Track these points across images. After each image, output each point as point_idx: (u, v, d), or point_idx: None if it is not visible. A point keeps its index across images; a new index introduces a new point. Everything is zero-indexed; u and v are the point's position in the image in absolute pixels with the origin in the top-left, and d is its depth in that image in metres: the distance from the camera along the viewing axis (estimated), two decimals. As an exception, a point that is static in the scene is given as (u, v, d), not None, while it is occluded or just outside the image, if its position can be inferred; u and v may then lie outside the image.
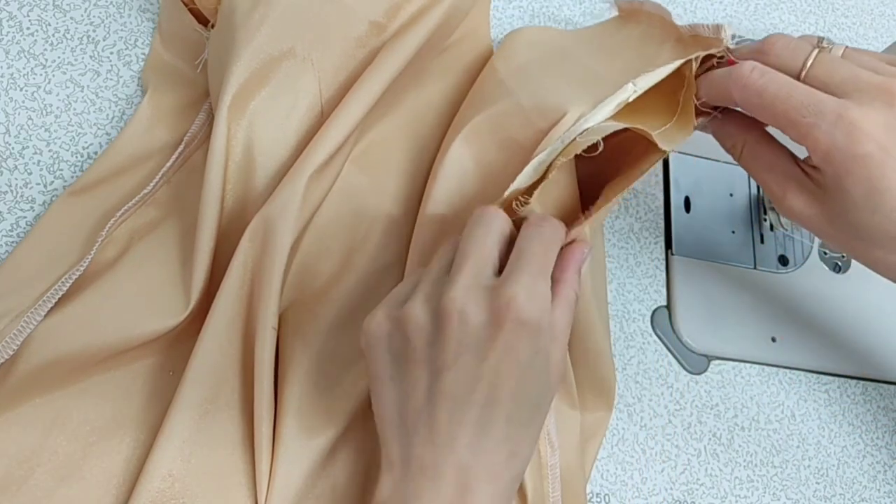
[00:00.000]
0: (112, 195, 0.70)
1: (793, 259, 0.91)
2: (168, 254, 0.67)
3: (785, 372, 0.86)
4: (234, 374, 0.64)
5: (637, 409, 0.80)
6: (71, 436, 0.62)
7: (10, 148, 0.72)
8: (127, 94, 0.77)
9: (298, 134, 0.69)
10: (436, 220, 0.71)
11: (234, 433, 0.63)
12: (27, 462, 0.60)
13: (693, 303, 0.85)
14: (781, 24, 1.08)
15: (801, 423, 0.84)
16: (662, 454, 0.79)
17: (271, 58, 0.68)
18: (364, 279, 0.72)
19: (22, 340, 0.60)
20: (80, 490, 0.60)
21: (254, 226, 0.65)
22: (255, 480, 0.62)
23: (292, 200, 0.65)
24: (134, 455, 0.62)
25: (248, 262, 0.65)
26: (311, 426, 0.64)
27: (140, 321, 0.62)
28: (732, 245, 0.89)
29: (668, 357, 0.83)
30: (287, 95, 0.69)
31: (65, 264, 0.65)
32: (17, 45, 0.76)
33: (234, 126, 0.66)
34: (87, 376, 0.63)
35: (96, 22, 0.79)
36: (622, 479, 0.76)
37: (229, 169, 0.67)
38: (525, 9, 0.94)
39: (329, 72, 0.71)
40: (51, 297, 0.62)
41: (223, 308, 0.64)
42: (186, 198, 0.71)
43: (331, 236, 0.73)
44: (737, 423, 0.82)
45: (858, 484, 0.84)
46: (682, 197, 0.90)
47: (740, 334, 0.85)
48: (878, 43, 1.12)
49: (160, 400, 0.64)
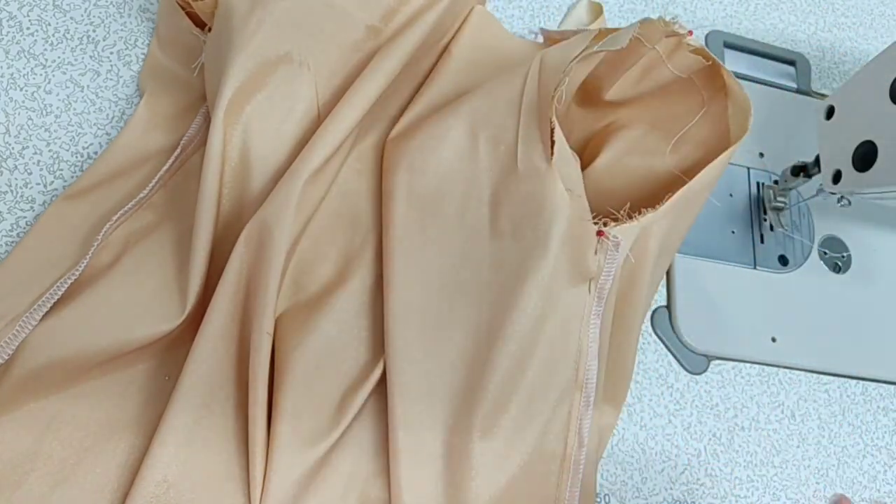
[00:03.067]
0: (108, 199, 0.70)
1: (793, 259, 0.90)
2: (164, 258, 0.67)
3: (785, 372, 0.86)
4: (229, 380, 0.64)
5: (637, 409, 0.80)
6: (66, 440, 0.62)
7: (10, 148, 0.72)
8: (127, 95, 0.77)
9: (295, 137, 0.69)
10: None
11: (229, 439, 0.63)
12: (21, 467, 0.60)
13: (693, 303, 0.85)
14: (781, 24, 1.08)
15: (801, 423, 0.84)
16: (662, 454, 0.79)
17: (268, 61, 0.68)
18: (361, 290, 0.72)
19: (17, 344, 0.60)
20: (74, 495, 0.60)
21: (249, 230, 0.65)
22: (249, 486, 0.62)
23: (288, 204, 0.65)
24: (129, 460, 0.63)
25: (244, 267, 0.65)
26: (305, 433, 0.64)
27: (136, 325, 0.63)
28: (732, 245, 0.89)
29: (668, 357, 0.83)
30: (283, 99, 0.69)
31: (60, 268, 0.65)
32: (17, 45, 0.76)
33: (230, 130, 0.66)
34: (83, 380, 0.64)
35: (96, 22, 0.79)
36: (622, 479, 0.76)
37: (225, 173, 0.67)
38: (525, 8, 0.94)
39: (325, 75, 0.71)
40: (46, 302, 0.62)
41: (218, 313, 0.64)
42: (182, 202, 0.71)
43: (328, 241, 0.73)
44: (737, 423, 0.82)
45: (858, 484, 0.83)
46: (683, 197, 0.89)
47: (740, 334, 0.85)
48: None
49: (156, 404, 0.64)
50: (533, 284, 0.66)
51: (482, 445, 0.64)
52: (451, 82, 0.79)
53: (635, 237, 0.69)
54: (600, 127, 0.82)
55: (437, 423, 0.66)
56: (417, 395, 0.66)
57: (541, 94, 0.70)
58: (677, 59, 0.74)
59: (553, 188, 0.67)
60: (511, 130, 0.70)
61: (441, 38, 0.80)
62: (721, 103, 0.75)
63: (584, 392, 0.69)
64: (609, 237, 0.66)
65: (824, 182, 0.77)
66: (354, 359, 0.68)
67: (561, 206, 0.66)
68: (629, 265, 0.71)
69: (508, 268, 0.68)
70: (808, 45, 1.08)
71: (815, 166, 0.82)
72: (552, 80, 0.68)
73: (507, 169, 0.70)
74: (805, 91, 1.03)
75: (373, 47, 0.72)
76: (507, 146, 0.70)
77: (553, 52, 0.72)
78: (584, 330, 0.68)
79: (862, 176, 0.72)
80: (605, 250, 0.67)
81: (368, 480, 0.66)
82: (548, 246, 0.66)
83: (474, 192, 0.71)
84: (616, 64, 0.76)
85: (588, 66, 0.71)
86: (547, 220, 0.66)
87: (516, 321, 0.66)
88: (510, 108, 0.71)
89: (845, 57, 1.09)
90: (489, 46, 0.82)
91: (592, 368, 0.69)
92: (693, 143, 0.77)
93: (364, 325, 0.70)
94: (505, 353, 0.65)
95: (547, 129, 0.68)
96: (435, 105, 0.77)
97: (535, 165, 0.68)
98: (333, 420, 0.65)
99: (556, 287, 0.67)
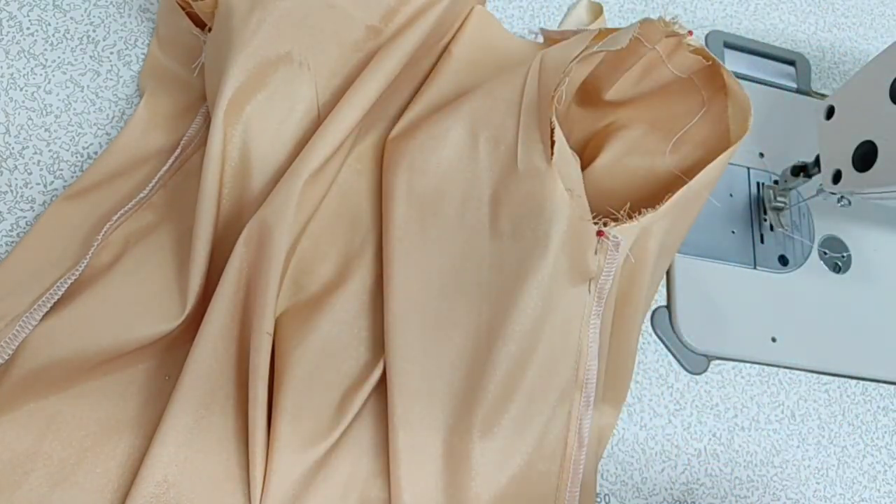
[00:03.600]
0: (108, 199, 0.70)
1: (793, 259, 0.90)
2: (164, 258, 0.67)
3: (785, 372, 0.86)
4: (229, 380, 0.64)
5: (637, 409, 0.80)
6: (66, 440, 0.62)
7: (11, 148, 0.72)
8: (127, 94, 0.77)
9: (295, 137, 0.69)
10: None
11: (229, 439, 0.63)
12: (21, 467, 0.60)
13: (693, 303, 0.85)
14: (781, 23, 1.08)
15: (800, 423, 0.84)
16: (662, 454, 0.79)
17: (268, 61, 0.68)
18: (361, 290, 0.72)
19: (17, 344, 0.60)
20: (74, 495, 0.60)
21: (249, 230, 0.65)
22: (250, 486, 0.62)
23: (288, 204, 0.65)
24: (129, 460, 0.63)
25: (244, 266, 0.65)
26: (305, 433, 0.64)
27: (136, 325, 0.63)
28: (732, 245, 0.89)
29: (669, 357, 0.83)
30: (283, 99, 0.69)
31: (61, 268, 0.65)
32: (17, 44, 0.76)
33: (230, 130, 0.66)
34: (83, 380, 0.64)
35: (96, 22, 0.79)
36: (622, 479, 0.76)
37: (225, 173, 0.67)
38: (525, 8, 0.94)
39: (325, 75, 0.71)
40: (46, 301, 0.62)
41: (218, 313, 0.64)
42: (182, 202, 0.71)
43: (328, 241, 0.74)
44: (737, 423, 0.82)
45: (858, 484, 0.83)
46: (683, 197, 0.90)
47: (740, 334, 0.85)
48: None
49: (156, 404, 0.64)
50: (533, 284, 0.66)
51: (482, 445, 0.64)
52: (452, 82, 0.79)
53: (635, 237, 0.69)
54: (600, 127, 0.82)
55: (438, 423, 0.66)
56: (418, 394, 0.66)
57: (541, 94, 0.70)
58: (677, 60, 0.74)
59: (553, 188, 0.67)
60: (511, 130, 0.71)
61: (441, 38, 0.80)
62: (721, 103, 0.75)
63: (584, 392, 0.69)
64: (609, 237, 0.67)
65: (824, 182, 0.77)
66: (354, 359, 0.68)
67: (561, 207, 0.67)
68: (629, 265, 0.71)
69: (508, 268, 0.68)
70: (808, 45, 1.08)
71: (815, 166, 0.82)
72: (552, 80, 0.68)
73: (508, 169, 0.70)
74: (805, 91, 1.04)
75: (373, 47, 0.72)
76: (508, 146, 0.70)
77: (553, 53, 0.72)
78: (584, 330, 0.69)
79: (862, 176, 0.72)
80: (605, 250, 0.67)
81: (368, 480, 0.66)
82: (548, 246, 0.66)
83: (474, 191, 0.71)
84: (616, 64, 0.76)
85: (588, 67, 0.71)
86: (547, 220, 0.67)
87: (516, 321, 0.66)
88: (510, 108, 0.71)
89: (845, 57, 1.09)
90: (489, 46, 0.82)
91: (592, 368, 0.69)
92: (693, 142, 0.77)
93: (364, 325, 0.70)
94: (505, 353, 0.66)
95: (547, 129, 0.68)
96: (435, 105, 0.77)
97: (536, 165, 0.68)
98: (333, 420, 0.65)
99: (556, 287, 0.67)
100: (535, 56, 0.73)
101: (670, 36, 0.72)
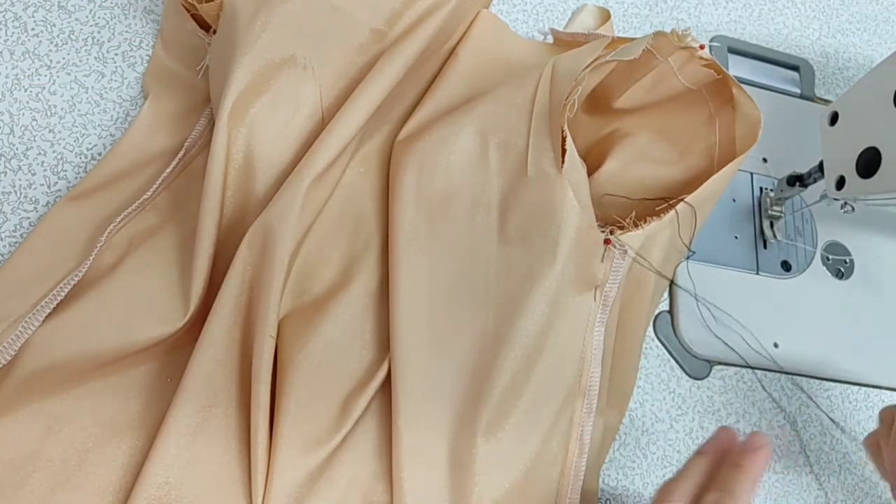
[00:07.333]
0: (112, 200, 0.70)
1: (795, 265, 0.90)
2: (167, 260, 0.67)
3: (787, 377, 0.86)
4: (232, 383, 0.64)
5: (639, 414, 0.80)
6: (68, 442, 0.62)
7: (14, 149, 0.72)
8: (131, 96, 0.77)
9: (299, 140, 0.69)
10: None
11: (231, 442, 0.63)
12: (23, 468, 0.60)
13: (696, 308, 0.85)
14: (785, 29, 1.08)
15: (802, 429, 0.84)
16: (664, 459, 0.79)
17: (272, 64, 0.68)
18: (364, 293, 0.72)
19: (20, 345, 0.60)
20: (76, 497, 0.60)
21: (252, 232, 0.65)
22: (252, 489, 0.62)
23: (292, 207, 0.65)
24: (130, 462, 0.62)
25: (247, 269, 0.65)
26: (308, 435, 0.64)
27: (138, 327, 0.62)
28: (735, 250, 0.89)
29: (671, 362, 0.83)
30: (287, 102, 0.69)
31: (63, 269, 0.65)
32: (22, 45, 0.76)
33: (234, 132, 0.66)
34: (85, 382, 0.64)
35: (101, 23, 0.79)
36: (623, 484, 0.76)
37: (229, 175, 0.67)
38: (529, 12, 0.94)
39: (329, 79, 0.71)
40: (49, 303, 0.62)
41: (221, 315, 0.64)
42: (186, 204, 0.71)
43: (331, 244, 0.74)
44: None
45: (860, 490, 0.83)
46: (686, 202, 0.89)
47: (743, 339, 0.85)
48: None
49: (157, 407, 0.64)
50: (540, 291, 0.66)
51: (486, 449, 0.65)
52: (460, 85, 0.79)
53: (640, 245, 0.69)
54: (604, 133, 0.82)
55: (442, 426, 0.66)
56: (422, 397, 0.66)
57: (552, 102, 0.70)
58: (688, 71, 0.75)
59: (563, 196, 0.67)
60: (522, 136, 0.71)
61: (446, 42, 0.80)
62: (729, 114, 0.76)
63: (586, 399, 0.69)
64: (616, 246, 0.67)
65: (828, 188, 0.77)
66: (358, 361, 0.68)
67: (570, 214, 0.67)
68: (634, 273, 0.71)
69: (516, 273, 0.68)
70: (811, 51, 1.08)
71: (810, 176, 0.82)
72: (564, 88, 0.68)
73: (517, 174, 0.70)
74: (809, 97, 1.03)
75: (377, 51, 0.72)
76: (518, 152, 0.71)
77: (565, 60, 0.72)
78: (588, 337, 0.69)
79: (865, 182, 0.72)
80: (611, 258, 0.68)
81: (371, 483, 0.66)
82: (556, 253, 0.67)
83: (484, 196, 0.71)
84: (627, 74, 0.76)
85: (600, 75, 0.72)
86: (556, 227, 0.67)
87: (523, 327, 0.66)
88: (521, 114, 0.71)
89: (849, 63, 1.09)
90: (497, 49, 0.82)
91: (595, 376, 0.69)
92: (699, 152, 0.77)
93: (367, 328, 0.70)
94: (511, 359, 0.66)
95: (558, 136, 0.68)
96: (444, 108, 0.77)
97: (546, 172, 0.69)
98: (336, 423, 0.65)
99: (563, 294, 0.67)
100: (547, 61, 0.74)
101: (682, 49, 0.72)
